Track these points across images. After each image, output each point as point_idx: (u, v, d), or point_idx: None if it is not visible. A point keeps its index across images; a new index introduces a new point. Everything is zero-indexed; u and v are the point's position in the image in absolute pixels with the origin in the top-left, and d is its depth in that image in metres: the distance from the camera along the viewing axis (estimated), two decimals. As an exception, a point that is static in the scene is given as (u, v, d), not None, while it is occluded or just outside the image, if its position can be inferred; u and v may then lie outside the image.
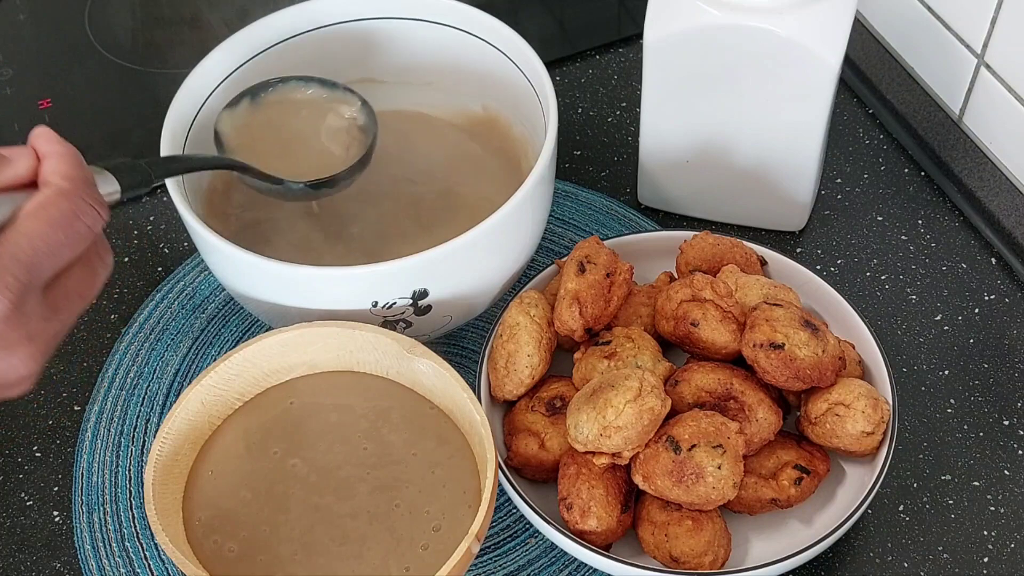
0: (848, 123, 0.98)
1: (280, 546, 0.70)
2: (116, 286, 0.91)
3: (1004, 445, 0.79)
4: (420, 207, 0.86)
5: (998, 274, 0.88)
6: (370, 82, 0.91)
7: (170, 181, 0.76)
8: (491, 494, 0.67)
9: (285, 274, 0.73)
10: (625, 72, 1.03)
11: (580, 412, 0.70)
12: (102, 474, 0.81)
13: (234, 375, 0.75)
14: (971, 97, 0.92)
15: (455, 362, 0.84)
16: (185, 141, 0.81)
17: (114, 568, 0.77)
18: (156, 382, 0.85)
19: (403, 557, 0.68)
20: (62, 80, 1.05)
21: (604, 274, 0.76)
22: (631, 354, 0.74)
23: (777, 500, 0.73)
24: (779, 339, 0.71)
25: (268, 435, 0.75)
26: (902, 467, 0.79)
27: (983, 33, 0.88)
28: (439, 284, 0.74)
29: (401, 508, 0.70)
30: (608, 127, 0.99)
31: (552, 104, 0.79)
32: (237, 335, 0.87)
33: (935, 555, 0.75)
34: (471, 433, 0.72)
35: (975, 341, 0.84)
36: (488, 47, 0.85)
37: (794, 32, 0.77)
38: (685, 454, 0.68)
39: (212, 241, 0.74)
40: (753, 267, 0.81)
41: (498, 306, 0.81)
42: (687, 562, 0.70)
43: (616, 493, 0.71)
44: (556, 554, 0.76)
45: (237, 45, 0.84)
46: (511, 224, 0.75)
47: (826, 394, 0.73)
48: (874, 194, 0.93)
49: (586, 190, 0.94)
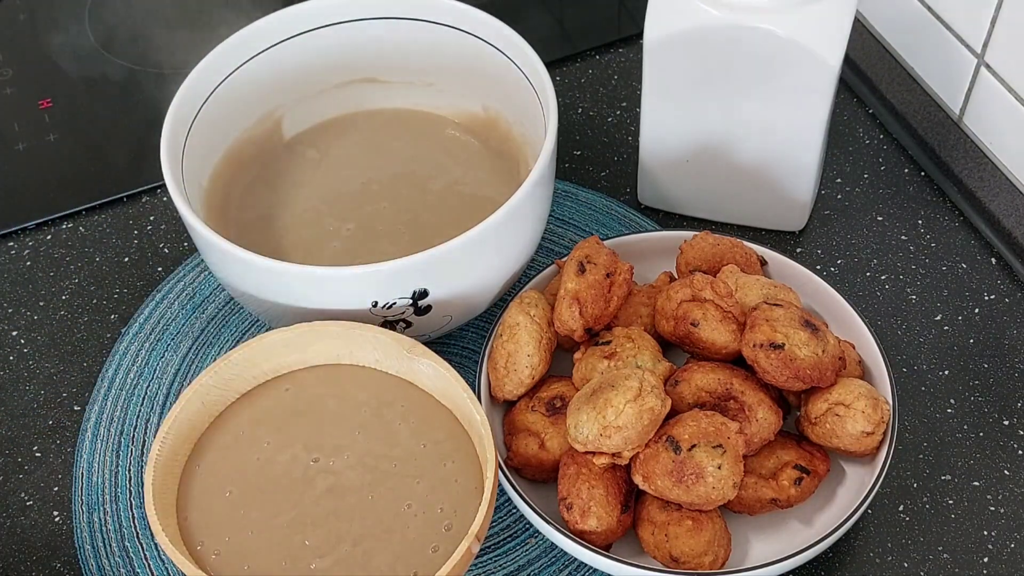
0: (848, 123, 0.98)
1: (267, 551, 0.69)
2: (116, 286, 0.91)
3: (1004, 445, 0.79)
4: (420, 207, 0.86)
5: (998, 274, 0.88)
6: (370, 82, 0.91)
7: (170, 181, 0.76)
8: (491, 494, 0.67)
9: (285, 274, 0.73)
10: (625, 72, 1.03)
11: (580, 412, 0.70)
12: (102, 474, 0.81)
13: (234, 375, 0.75)
14: (971, 97, 0.92)
15: (455, 362, 0.84)
16: (185, 141, 0.81)
17: (114, 568, 0.77)
18: (156, 382, 0.85)
19: (411, 562, 0.68)
20: (62, 80, 1.05)
21: (604, 274, 0.76)
22: (631, 354, 0.74)
23: (777, 500, 0.73)
24: (779, 339, 0.71)
25: (259, 425, 0.74)
26: (902, 467, 0.79)
27: (983, 33, 0.88)
28: (439, 284, 0.74)
29: (414, 507, 0.70)
30: (608, 127, 0.99)
31: (552, 104, 0.79)
32: (237, 335, 0.87)
33: (935, 555, 0.75)
34: (472, 432, 0.72)
35: (975, 341, 0.84)
36: (488, 47, 0.85)
37: (794, 32, 0.77)
38: (685, 454, 0.68)
39: (212, 241, 0.74)
40: (753, 267, 0.81)
41: (498, 306, 0.81)
42: (687, 562, 0.70)
43: (616, 493, 0.71)
44: (556, 554, 0.76)
45: (237, 45, 0.84)
46: (511, 224, 0.75)
47: (826, 394, 0.73)
48: (874, 194, 0.93)
49: (586, 190, 0.94)
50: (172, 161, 0.78)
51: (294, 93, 0.89)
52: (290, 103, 0.90)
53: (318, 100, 0.91)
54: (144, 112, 1.00)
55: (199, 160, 0.83)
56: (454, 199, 0.86)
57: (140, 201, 0.96)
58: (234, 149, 0.87)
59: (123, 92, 1.04)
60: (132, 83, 1.04)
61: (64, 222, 0.95)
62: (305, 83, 0.89)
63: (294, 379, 0.76)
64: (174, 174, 0.77)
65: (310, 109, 0.91)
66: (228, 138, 0.87)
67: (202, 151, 0.83)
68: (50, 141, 1.00)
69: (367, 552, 0.68)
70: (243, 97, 0.86)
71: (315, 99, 0.90)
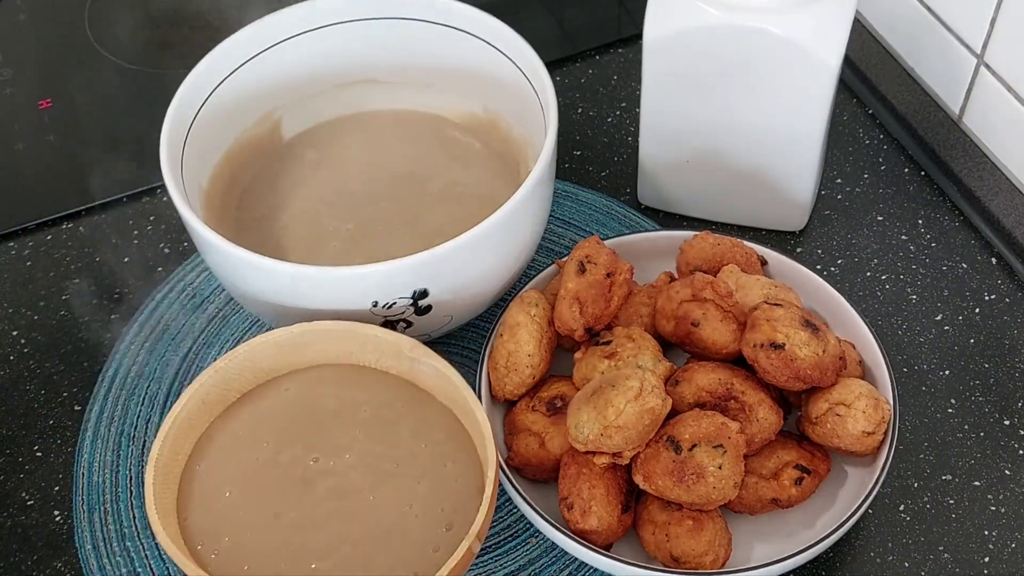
0: (848, 123, 0.98)
1: (267, 551, 0.68)
2: (116, 286, 0.91)
3: (1005, 445, 0.79)
4: (420, 207, 0.86)
5: (998, 274, 0.88)
6: (370, 82, 0.91)
7: (169, 181, 0.76)
8: (492, 494, 0.67)
9: (285, 274, 0.73)
10: (625, 72, 1.03)
11: (581, 412, 0.70)
12: (102, 474, 0.81)
13: (234, 375, 0.75)
14: (971, 97, 0.92)
15: (455, 362, 0.84)
16: (185, 141, 0.81)
17: (115, 567, 0.77)
18: (156, 382, 0.85)
19: (411, 562, 0.68)
20: (62, 80, 1.05)
21: (604, 274, 0.76)
22: (631, 354, 0.74)
23: (778, 500, 0.72)
24: (779, 339, 0.71)
25: (259, 425, 0.74)
26: (903, 467, 0.79)
27: (983, 33, 0.88)
28: (439, 284, 0.74)
29: (415, 508, 0.70)
30: (608, 127, 0.99)
31: (552, 104, 0.79)
32: (237, 335, 0.87)
33: (936, 555, 0.75)
34: (472, 432, 0.72)
35: (975, 341, 0.84)
36: (488, 47, 0.85)
37: (793, 32, 0.77)
38: (686, 454, 0.68)
39: (212, 241, 0.73)
40: (753, 267, 0.81)
41: (498, 306, 0.81)
42: (688, 562, 0.70)
43: (617, 493, 0.71)
44: (556, 554, 0.76)
45: (237, 45, 0.84)
46: (511, 224, 0.75)
47: (827, 394, 0.73)
48: (874, 194, 0.93)
49: (586, 190, 0.94)
50: (172, 161, 0.78)
51: (294, 93, 0.89)
52: (290, 103, 0.90)
53: (318, 100, 0.91)
54: (144, 112, 1.00)
55: (199, 160, 0.83)
56: (454, 199, 0.86)
57: (140, 201, 0.96)
58: (234, 149, 0.87)
59: (123, 92, 1.04)
60: (132, 83, 1.04)
61: (64, 222, 0.95)
62: (305, 83, 0.89)
63: (294, 379, 0.76)
64: (174, 174, 0.77)
65: (310, 109, 0.91)
66: (228, 138, 0.87)
67: (202, 151, 0.83)
68: (50, 141, 1.00)
69: (368, 554, 0.68)
70: (243, 97, 0.86)
71: (315, 99, 0.90)
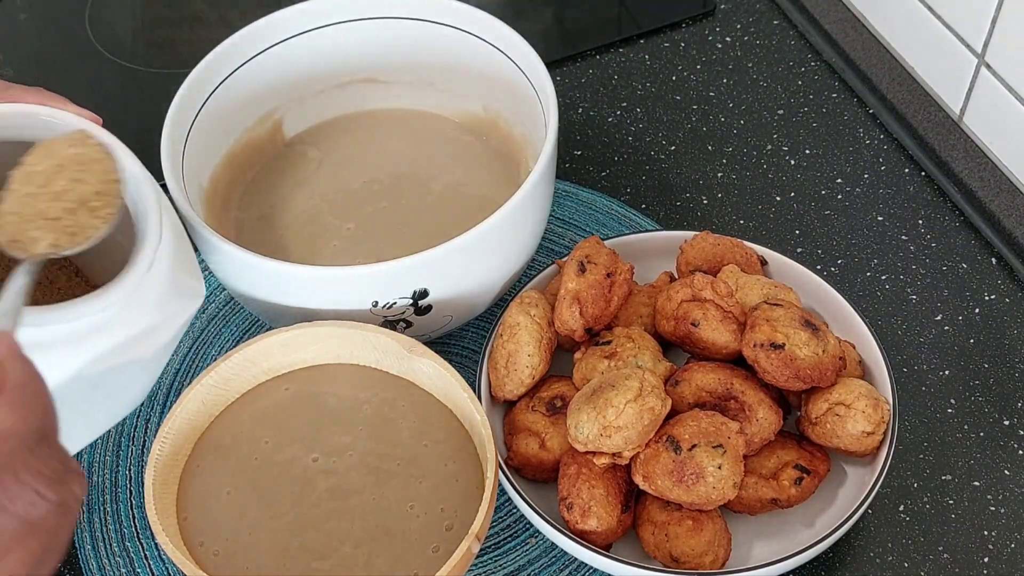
0: (848, 123, 0.98)
1: (267, 551, 0.68)
2: (116, 286, 0.90)
3: (1004, 445, 0.79)
4: (420, 207, 0.86)
5: (998, 274, 0.88)
6: (370, 82, 0.91)
7: (170, 180, 0.76)
8: (491, 494, 0.67)
9: (285, 274, 0.73)
10: (625, 72, 1.03)
11: (580, 412, 0.70)
12: (102, 474, 0.81)
13: (234, 375, 0.75)
14: (971, 97, 0.92)
15: (455, 362, 0.84)
16: (185, 141, 0.81)
17: (114, 568, 0.77)
18: (156, 382, 0.85)
19: (411, 562, 0.68)
20: (62, 80, 1.05)
21: (604, 274, 0.76)
22: (631, 354, 0.74)
23: (777, 500, 0.72)
24: (779, 339, 0.71)
25: (259, 425, 0.74)
26: (902, 467, 0.79)
27: (983, 33, 0.88)
28: (439, 284, 0.74)
29: (416, 508, 0.70)
30: (608, 127, 0.99)
31: (552, 104, 0.79)
32: (237, 335, 0.87)
33: (935, 555, 0.75)
34: (472, 432, 0.72)
35: (975, 341, 0.84)
36: (488, 47, 0.85)
37: None
38: (685, 454, 0.68)
39: (212, 241, 0.74)
40: (753, 267, 0.81)
41: (498, 306, 0.81)
42: (687, 562, 0.70)
43: (616, 493, 0.71)
44: (556, 554, 0.76)
45: (237, 45, 0.84)
46: (511, 224, 0.75)
47: (826, 394, 0.73)
48: (874, 194, 0.93)
49: (586, 190, 0.94)
50: (172, 161, 0.78)
51: (294, 93, 0.89)
52: (290, 103, 0.90)
53: (318, 100, 0.91)
54: (144, 112, 1.00)
55: (199, 160, 0.83)
56: (454, 199, 0.86)
57: (140, 201, 0.96)
58: (234, 149, 0.87)
59: (123, 92, 1.04)
60: (132, 83, 1.04)
61: (64, 222, 0.95)
62: (305, 83, 0.89)
63: (294, 379, 0.76)
64: (174, 174, 0.77)
65: (310, 109, 0.91)
66: (228, 138, 0.87)
67: (202, 151, 0.83)
68: (50, 141, 1.00)
69: (368, 554, 0.68)
70: (243, 97, 0.86)
71: (315, 99, 0.90)
